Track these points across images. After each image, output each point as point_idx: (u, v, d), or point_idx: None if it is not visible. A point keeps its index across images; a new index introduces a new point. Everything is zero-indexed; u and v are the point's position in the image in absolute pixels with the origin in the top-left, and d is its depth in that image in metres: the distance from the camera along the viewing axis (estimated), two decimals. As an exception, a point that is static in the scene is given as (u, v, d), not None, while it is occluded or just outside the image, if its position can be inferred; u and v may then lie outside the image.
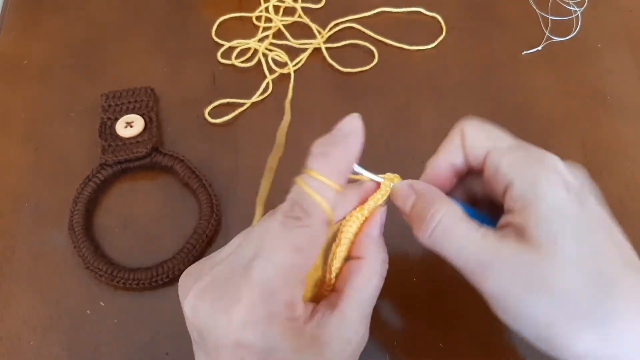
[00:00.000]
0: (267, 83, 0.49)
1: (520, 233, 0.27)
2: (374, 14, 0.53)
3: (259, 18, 0.53)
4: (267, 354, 0.25)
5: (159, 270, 0.39)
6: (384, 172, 0.32)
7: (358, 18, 0.53)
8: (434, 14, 0.53)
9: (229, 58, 0.51)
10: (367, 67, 0.50)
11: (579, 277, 0.25)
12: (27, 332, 0.38)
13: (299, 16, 0.53)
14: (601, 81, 0.50)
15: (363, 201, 0.31)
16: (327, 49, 0.51)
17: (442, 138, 0.47)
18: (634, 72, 0.50)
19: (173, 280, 0.40)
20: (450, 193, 0.32)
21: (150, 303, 0.39)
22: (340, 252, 0.29)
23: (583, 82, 0.50)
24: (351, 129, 0.28)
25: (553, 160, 0.28)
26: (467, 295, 0.39)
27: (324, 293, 0.29)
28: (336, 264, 0.29)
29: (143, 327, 0.39)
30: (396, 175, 0.32)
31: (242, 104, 0.48)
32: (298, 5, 0.53)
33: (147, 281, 0.39)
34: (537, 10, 0.54)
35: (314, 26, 0.52)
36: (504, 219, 0.28)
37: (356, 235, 0.30)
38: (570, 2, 0.54)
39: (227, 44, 0.51)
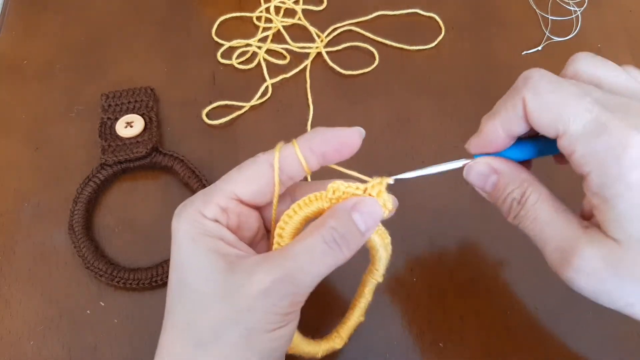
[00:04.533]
0: (267, 87, 0.49)
1: (601, 228, 0.27)
2: (373, 18, 0.53)
3: (259, 18, 0.53)
4: (174, 239, 0.29)
5: (159, 270, 0.39)
6: (384, 171, 0.32)
7: (357, 22, 0.53)
8: (432, 14, 0.53)
9: (229, 58, 0.51)
10: (369, 69, 0.50)
11: None
12: (27, 332, 0.38)
13: (299, 18, 0.53)
14: (601, 81, 0.50)
15: None
16: (327, 52, 0.51)
17: (442, 138, 0.47)
18: (634, 72, 0.50)
19: (173, 280, 0.40)
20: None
21: (150, 303, 0.39)
22: (287, 215, 0.30)
23: (583, 82, 0.50)
24: (347, 129, 0.30)
25: (632, 151, 0.25)
26: (467, 295, 0.39)
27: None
28: (279, 225, 0.30)
29: (143, 327, 0.39)
30: (383, 178, 0.30)
31: (241, 107, 0.48)
32: (299, 8, 0.53)
33: (147, 281, 0.39)
34: (537, 10, 0.54)
35: (312, 30, 0.52)
36: (586, 203, 0.29)
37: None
38: (570, 2, 0.54)
39: (227, 44, 0.51)
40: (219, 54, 0.51)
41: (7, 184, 0.44)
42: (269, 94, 0.49)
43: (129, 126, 0.45)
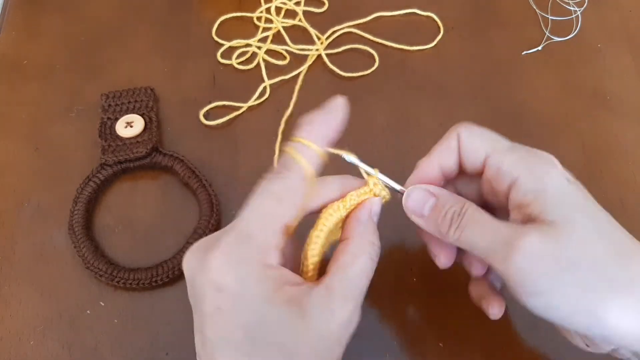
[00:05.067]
0: (265, 87, 0.49)
1: (537, 221, 0.29)
2: (372, 19, 0.53)
3: (259, 18, 0.53)
4: (241, 299, 0.26)
5: (159, 270, 0.39)
6: (384, 172, 0.33)
7: (356, 24, 0.53)
8: (430, 14, 0.53)
9: (229, 58, 0.51)
10: (369, 71, 0.50)
11: (600, 247, 0.28)
12: (27, 332, 0.38)
13: (299, 20, 0.53)
14: (601, 81, 0.50)
15: (344, 193, 0.31)
16: (327, 54, 0.51)
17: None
18: (634, 72, 0.50)
19: (173, 280, 0.40)
20: None
21: (150, 303, 0.39)
22: (316, 236, 0.30)
23: (583, 82, 0.50)
24: (333, 105, 0.31)
25: (551, 158, 0.31)
26: (467, 295, 0.39)
27: (305, 277, 0.30)
28: (312, 247, 0.30)
29: (143, 327, 0.39)
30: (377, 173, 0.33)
31: (239, 107, 0.48)
32: (300, 9, 0.53)
33: (147, 281, 0.39)
34: (537, 10, 0.54)
35: (313, 31, 0.52)
36: (513, 216, 0.31)
37: (342, 221, 0.31)
38: (570, 2, 0.54)
39: (227, 44, 0.51)
40: (219, 54, 0.51)
41: (7, 184, 0.44)
42: (267, 95, 0.49)
43: (129, 126, 0.45)
